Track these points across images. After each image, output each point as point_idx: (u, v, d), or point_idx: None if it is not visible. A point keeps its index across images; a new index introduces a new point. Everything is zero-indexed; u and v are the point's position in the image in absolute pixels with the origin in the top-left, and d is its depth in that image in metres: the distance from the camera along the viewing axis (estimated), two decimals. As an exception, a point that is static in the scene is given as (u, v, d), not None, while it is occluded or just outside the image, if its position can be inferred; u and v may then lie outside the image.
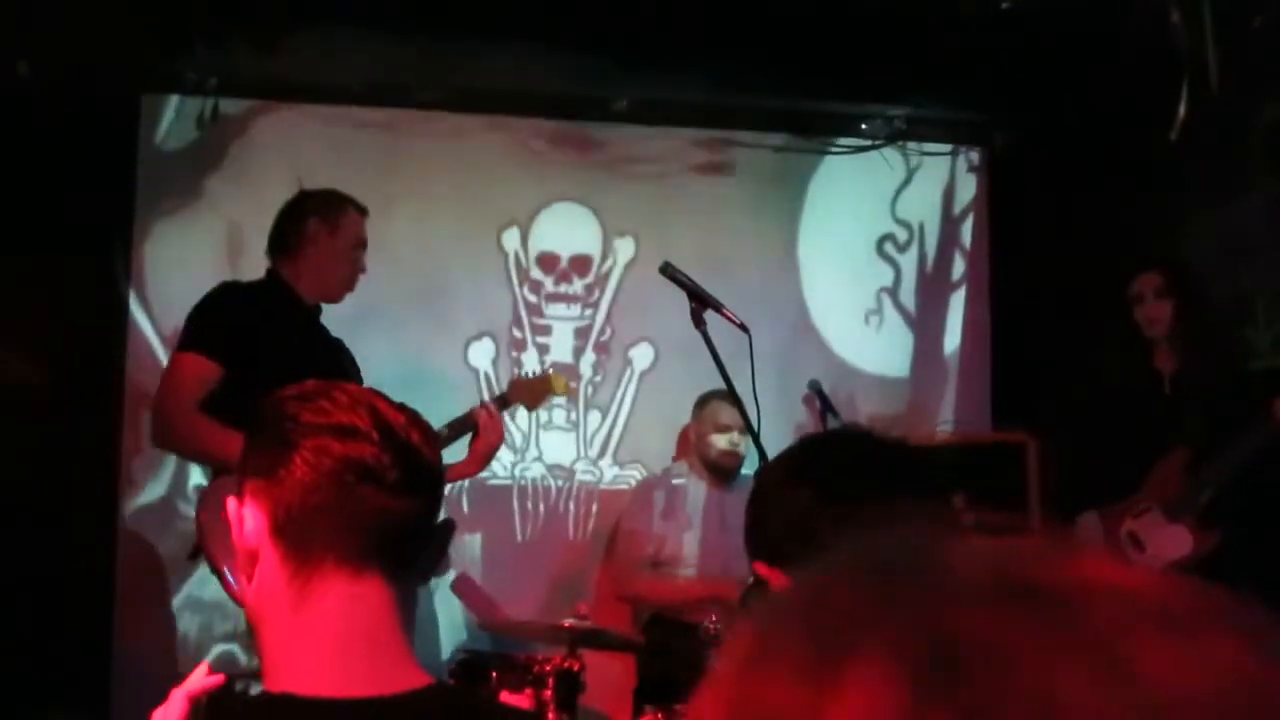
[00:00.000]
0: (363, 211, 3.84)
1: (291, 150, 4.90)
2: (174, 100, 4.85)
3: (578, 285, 5.16)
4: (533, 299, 5.12)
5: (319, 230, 3.73)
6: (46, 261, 4.46)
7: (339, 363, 3.71)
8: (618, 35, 4.63)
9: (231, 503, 1.31)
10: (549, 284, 5.14)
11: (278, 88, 4.89)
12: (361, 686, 1.22)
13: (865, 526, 1.29)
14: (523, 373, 4.72)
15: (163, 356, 4.62)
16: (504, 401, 4.07)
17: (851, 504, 1.32)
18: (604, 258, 5.17)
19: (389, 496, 1.27)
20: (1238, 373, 4.11)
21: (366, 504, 1.26)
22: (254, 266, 4.77)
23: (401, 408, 1.35)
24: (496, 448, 3.85)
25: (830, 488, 1.34)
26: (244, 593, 1.32)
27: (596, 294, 5.17)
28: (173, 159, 4.86)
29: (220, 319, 3.60)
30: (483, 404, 3.88)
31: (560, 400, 4.98)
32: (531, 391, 4.18)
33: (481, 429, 3.77)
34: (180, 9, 4.48)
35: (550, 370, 4.26)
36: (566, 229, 5.17)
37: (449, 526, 4.38)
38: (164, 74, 4.79)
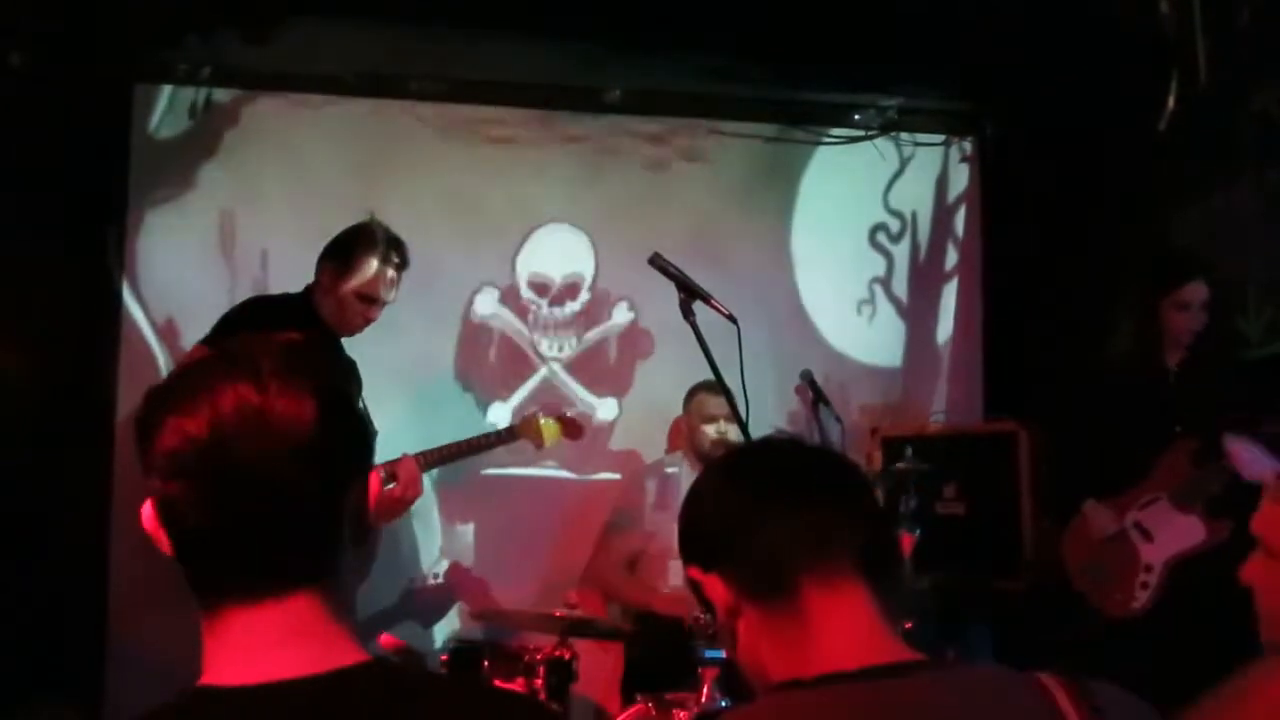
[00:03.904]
0: (392, 265, 3.94)
1: (283, 140, 4.91)
2: (167, 90, 4.85)
3: (573, 290, 5.17)
4: (526, 298, 5.12)
5: (326, 276, 3.94)
6: (40, 251, 4.46)
7: None
8: (610, 26, 4.62)
9: (147, 509, 1.21)
10: (541, 281, 5.14)
11: (270, 77, 4.89)
12: (288, 669, 1.13)
13: (799, 532, 1.32)
14: (524, 413, 4.73)
15: (155, 344, 4.65)
16: (511, 434, 4.35)
17: (788, 509, 1.34)
18: (596, 255, 5.18)
19: (269, 501, 1.13)
20: (1237, 364, 4.13)
21: (247, 517, 1.14)
22: (246, 255, 4.81)
23: (272, 376, 1.13)
24: (410, 503, 4.02)
25: (767, 493, 1.37)
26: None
27: (591, 290, 5.18)
28: (166, 148, 4.86)
29: (237, 330, 3.74)
30: (409, 455, 3.99)
31: (557, 398, 5.02)
32: (537, 431, 4.41)
33: (402, 481, 3.92)
34: (172, -1, 4.48)
35: (567, 413, 4.54)
36: (559, 240, 5.17)
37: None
38: (157, 64, 4.79)
